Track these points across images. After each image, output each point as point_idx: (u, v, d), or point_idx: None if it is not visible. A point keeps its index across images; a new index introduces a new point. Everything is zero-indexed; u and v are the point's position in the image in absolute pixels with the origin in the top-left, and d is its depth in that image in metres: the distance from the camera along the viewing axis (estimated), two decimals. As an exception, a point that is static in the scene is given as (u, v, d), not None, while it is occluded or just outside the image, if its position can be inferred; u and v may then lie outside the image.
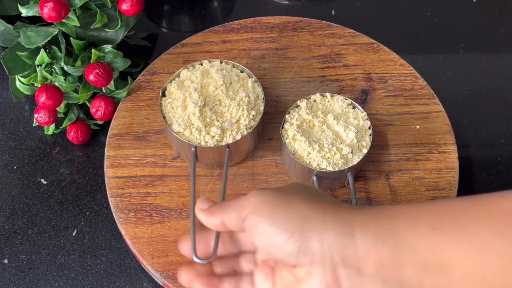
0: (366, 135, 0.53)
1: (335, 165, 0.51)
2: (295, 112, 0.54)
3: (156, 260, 0.50)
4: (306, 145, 0.51)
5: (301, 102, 0.54)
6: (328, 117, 0.53)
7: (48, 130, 0.59)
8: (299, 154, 0.52)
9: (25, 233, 0.54)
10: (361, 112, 0.54)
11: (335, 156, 0.51)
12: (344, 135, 0.52)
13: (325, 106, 0.54)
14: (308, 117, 0.53)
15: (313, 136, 0.52)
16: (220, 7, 0.70)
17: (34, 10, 0.54)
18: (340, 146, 0.51)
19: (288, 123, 0.53)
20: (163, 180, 0.54)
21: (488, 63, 0.65)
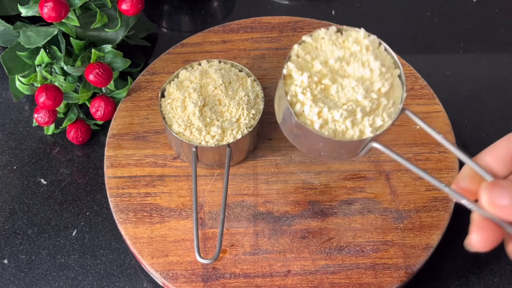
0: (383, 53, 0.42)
1: (389, 113, 0.39)
2: (295, 87, 0.40)
3: (156, 260, 0.50)
4: (345, 115, 0.39)
5: (290, 70, 0.40)
6: (331, 64, 0.41)
7: (48, 130, 0.59)
8: (341, 132, 0.40)
9: (25, 233, 0.54)
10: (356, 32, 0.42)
11: (380, 103, 0.39)
12: (366, 71, 0.40)
13: (314, 54, 0.42)
14: (313, 81, 0.40)
15: (339, 99, 0.40)
16: (220, 7, 0.70)
17: (34, 10, 0.54)
18: (376, 86, 0.40)
19: (298, 105, 0.40)
20: (163, 180, 0.54)
21: (489, 63, 0.65)
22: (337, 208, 0.53)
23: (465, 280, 0.53)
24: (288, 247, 0.51)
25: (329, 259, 0.50)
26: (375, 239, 0.51)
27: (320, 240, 0.51)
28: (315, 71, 0.41)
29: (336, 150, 0.41)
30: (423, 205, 0.52)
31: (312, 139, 0.40)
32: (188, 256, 0.50)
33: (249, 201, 0.53)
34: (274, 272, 0.50)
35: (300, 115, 0.40)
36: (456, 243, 0.54)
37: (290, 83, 0.41)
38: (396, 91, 0.41)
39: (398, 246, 0.51)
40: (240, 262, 0.50)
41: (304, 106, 0.40)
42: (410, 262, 0.50)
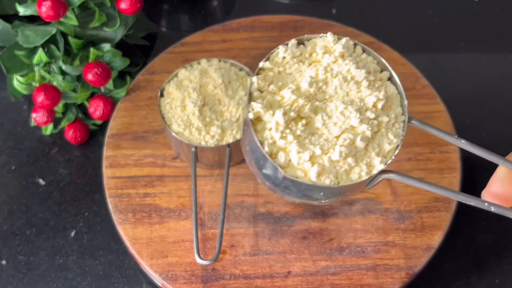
0: (361, 57, 0.35)
1: (395, 133, 0.33)
2: (270, 132, 0.32)
3: (155, 261, 0.50)
4: (345, 153, 0.32)
5: (257, 112, 0.32)
6: (304, 89, 0.33)
7: (46, 130, 0.59)
8: (344, 172, 0.32)
9: (24, 234, 0.54)
10: (320, 38, 0.34)
11: (382, 121, 0.33)
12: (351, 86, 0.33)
13: (280, 81, 0.33)
14: (291, 119, 0.32)
15: (329, 132, 0.32)
16: (220, 6, 0.70)
17: (32, 9, 0.54)
18: (369, 101, 0.33)
19: (281, 154, 0.32)
20: (162, 181, 0.54)
21: (490, 62, 0.65)
22: (337, 208, 0.52)
23: (466, 281, 0.52)
24: (288, 247, 0.50)
25: (329, 260, 0.50)
26: (376, 240, 0.51)
27: (320, 241, 0.51)
28: (288, 104, 0.32)
29: (340, 194, 0.33)
30: (424, 205, 0.52)
31: (309, 191, 0.32)
32: (187, 257, 0.50)
33: (249, 201, 0.53)
34: (274, 273, 0.49)
35: (287, 166, 0.31)
36: (457, 244, 0.53)
37: (262, 129, 0.32)
38: (394, 99, 0.34)
39: (399, 246, 0.50)
40: (240, 263, 0.50)
41: (290, 154, 0.31)
42: (412, 263, 0.50)
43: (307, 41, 0.34)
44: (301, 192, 0.32)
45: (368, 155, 0.32)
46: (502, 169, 0.32)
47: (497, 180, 0.32)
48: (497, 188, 0.32)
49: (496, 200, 0.32)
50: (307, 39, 0.34)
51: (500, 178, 0.32)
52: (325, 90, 0.33)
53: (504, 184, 0.32)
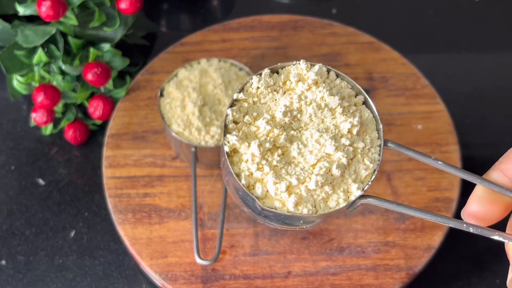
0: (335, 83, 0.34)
1: (371, 158, 0.33)
2: (247, 163, 0.32)
3: (155, 261, 0.50)
4: (321, 181, 0.31)
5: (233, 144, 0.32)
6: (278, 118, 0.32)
7: (46, 130, 0.58)
8: (322, 200, 0.32)
9: (23, 234, 0.54)
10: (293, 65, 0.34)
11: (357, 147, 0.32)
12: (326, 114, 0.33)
13: (254, 112, 0.33)
14: (266, 149, 0.32)
15: (305, 161, 0.32)
16: (220, 6, 0.70)
17: (32, 9, 0.53)
18: (344, 128, 0.32)
19: (258, 185, 0.32)
20: (162, 181, 0.54)
21: (490, 62, 0.65)
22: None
23: (467, 281, 0.52)
24: (288, 248, 0.50)
25: (330, 260, 0.50)
26: (376, 240, 0.50)
27: (320, 241, 0.50)
28: (264, 135, 0.32)
29: (320, 221, 0.33)
30: (424, 205, 0.52)
31: (289, 220, 0.32)
32: (187, 257, 0.50)
33: (249, 201, 0.52)
34: (274, 273, 0.49)
35: (265, 197, 0.32)
36: (458, 244, 0.53)
37: (239, 161, 0.32)
38: (369, 124, 0.33)
39: (399, 247, 0.50)
40: (240, 263, 0.50)
41: (267, 185, 0.31)
42: (412, 263, 0.49)
43: (281, 69, 0.34)
44: (281, 220, 0.32)
45: (345, 182, 0.32)
46: (480, 188, 0.31)
47: (476, 199, 0.32)
48: (476, 207, 0.31)
49: (475, 219, 0.32)
50: (281, 67, 0.34)
51: (479, 197, 0.31)
52: (300, 118, 0.33)
53: (482, 203, 0.31)
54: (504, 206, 0.31)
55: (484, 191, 0.31)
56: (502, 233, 0.30)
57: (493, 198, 0.31)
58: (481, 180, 0.31)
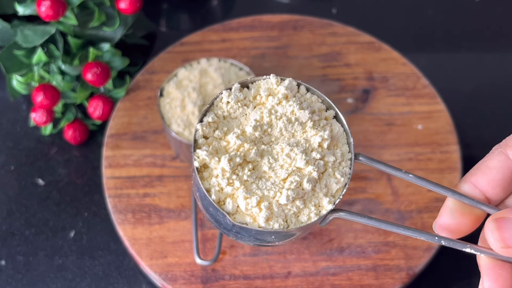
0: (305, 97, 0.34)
1: (342, 172, 0.32)
2: (217, 179, 0.31)
3: (154, 262, 0.50)
4: (292, 196, 0.31)
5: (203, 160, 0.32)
6: (249, 132, 0.32)
7: (46, 130, 0.58)
8: (294, 214, 0.32)
9: (23, 234, 0.54)
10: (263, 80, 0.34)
11: (328, 160, 0.32)
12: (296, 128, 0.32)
13: (225, 126, 0.33)
14: (237, 164, 0.31)
15: (276, 175, 0.32)
16: (219, 6, 0.70)
17: (31, 8, 0.53)
18: (314, 141, 0.32)
19: (229, 201, 0.31)
20: (162, 181, 0.53)
21: (491, 62, 0.64)
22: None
23: (467, 282, 0.52)
24: (288, 248, 0.50)
25: (330, 260, 0.50)
26: (376, 240, 0.50)
27: (321, 241, 0.50)
28: (234, 149, 0.32)
29: (292, 235, 0.33)
30: (425, 205, 0.52)
31: (261, 236, 0.32)
32: (187, 258, 0.50)
33: (249, 201, 0.52)
34: (274, 273, 0.49)
35: (236, 213, 0.31)
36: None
37: (209, 176, 0.31)
38: (340, 138, 0.33)
39: (399, 247, 0.50)
40: (240, 263, 0.50)
41: (237, 200, 0.31)
42: (412, 263, 0.49)
43: (251, 83, 0.33)
44: (252, 236, 0.32)
45: (316, 196, 0.31)
46: (451, 200, 0.31)
47: (447, 211, 0.31)
48: (448, 219, 0.31)
49: (447, 231, 0.32)
50: (251, 81, 0.33)
51: (450, 209, 0.31)
52: (270, 132, 0.32)
53: (454, 215, 0.31)
54: (475, 218, 0.31)
55: (455, 204, 0.31)
56: (474, 246, 0.31)
57: (464, 210, 0.31)
58: (452, 192, 0.31)
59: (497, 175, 0.31)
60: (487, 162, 0.31)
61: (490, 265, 0.30)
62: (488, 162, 0.31)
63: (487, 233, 0.29)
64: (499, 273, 0.30)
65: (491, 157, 0.31)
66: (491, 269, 0.30)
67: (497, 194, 0.31)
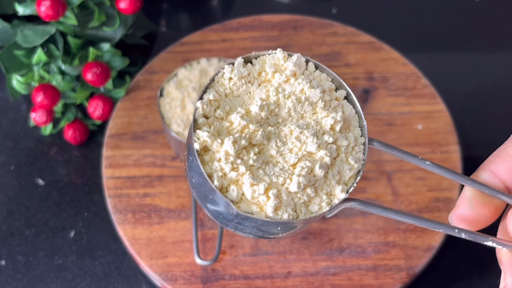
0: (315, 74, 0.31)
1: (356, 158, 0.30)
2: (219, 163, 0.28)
3: (154, 262, 0.50)
4: (303, 183, 0.28)
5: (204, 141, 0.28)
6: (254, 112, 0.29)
7: (46, 130, 0.58)
8: (304, 203, 0.29)
9: (23, 234, 0.54)
10: (269, 54, 0.31)
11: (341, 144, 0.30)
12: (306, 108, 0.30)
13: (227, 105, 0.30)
14: (241, 147, 0.29)
15: (284, 160, 0.29)
16: (219, 6, 0.70)
17: (31, 8, 0.53)
18: (326, 123, 0.30)
19: (233, 188, 0.28)
20: (162, 181, 0.53)
21: (491, 62, 0.64)
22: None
23: (468, 282, 0.52)
24: (288, 248, 0.50)
25: (330, 260, 0.50)
26: (376, 240, 0.50)
27: (321, 241, 0.50)
28: (238, 131, 0.28)
29: (298, 228, 0.30)
30: (425, 205, 0.52)
31: (266, 227, 0.29)
32: (187, 258, 0.50)
33: (249, 201, 0.52)
34: (274, 273, 0.49)
35: (240, 201, 0.28)
36: (458, 244, 0.53)
37: (210, 160, 0.28)
38: (352, 120, 0.30)
39: (399, 247, 0.50)
40: (240, 263, 0.50)
41: (242, 186, 0.28)
42: (412, 263, 0.49)
43: (255, 59, 0.31)
44: (256, 227, 0.29)
45: (328, 184, 0.29)
46: (470, 190, 0.30)
47: (465, 201, 0.30)
48: (466, 210, 0.29)
49: (465, 223, 0.30)
50: (255, 56, 0.31)
51: (469, 199, 0.29)
52: (277, 113, 0.30)
53: (472, 205, 0.29)
54: (494, 209, 0.29)
55: (474, 193, 0.29)
56: (495, 239, 0.29)
57: (483, 200, 0.29)
58: (470, 181, 0.29)
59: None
60: (508, 149, 0.29)
61: None
62: (509, 148, 0.29)
63: (510, 225, 0.27)
64: None
65: (511, 144, 0.29)
66: None
67: None
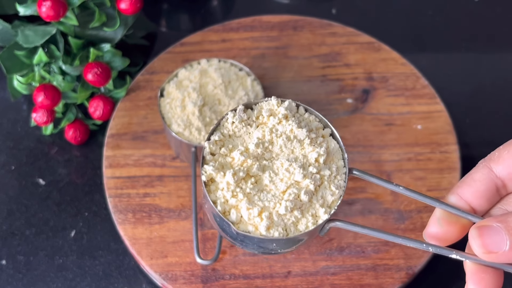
0: (303, 117, 0.37)
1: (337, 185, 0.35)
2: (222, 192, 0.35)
3: (155, 261, 0.50)
4: (290, 207, 0.34)
5: (210, 174, 0.35)
6: (252, 150, 0.36)
7: (46, 130, 0.58)
8: (292, 224, 0.35)
9: (23, 234, 0.54)
10: (265, 102, 0.37)
11: (324, 174, 0.35)
12: (294, 145, 0.36)
13: (230, 144, 0.36)
14: (240, 178, 0.35)
15: (276, 188, 0.35)
16: (220, 6, 0.70)
17: (32, 9, 0.54)
18: (311, 157, 0.35)
19: (233, 212, 0.34)
20: (162, 181, 0.54)
21: (491, 62, 0.65)
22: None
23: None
24: (288, 248, 0.50)
25: (329, 260, 0.50)
26: (376, 240, 0.51)
27: (320, 241, 0.51)
28: (238, 165, 0.35)
29: (292, 243, 0.36)
30: (424, 205, 0.52)
31: (263, 243, 0.35)
32: (187, 257, 0.50)
33: (249, 201, 0.53)
34: (274, 273, 0.49)
35: (239, 222, 0.34)
36: (457, 244, 0.53)
37: (215, 189, 0.35)
38: (336, 154, 0.36)
39: (399, 247, 0.50)
40: (240, 263, 0.50)
41: (241, 210, 0.34)
42: (412, 263, 0.49)
43: (254, 105, 0.37)
44: (255, 244, 0.35)
45: (313, 207, 0.35)
46: (439, 211, 0.34)
47: (435, 221, 0.34)
48: (436, 228, 0.34)
49: (435, 239, 0.34)
50: (254, 103, 0.37)
51: (438, 219, 0.34)
52: (271, 149, 0.36)
53: (441, 224, 0.34)
54: (461, 227, 0.34)
55: (442, 214, 0.34)
56: (459, 252, 0.33)
57: (451, 220, 0.34)
58: (439, 203, 0.34)
59: (481, 186, 0.33)
60: (472, 175, 0.34)
61: (474, 270, 0.33)
62: (473, 175, 0.34)
63: (471, 240, 0.31)
64: (482, 276, 0.32)
65: (476, 170, 0.34)
66: (475, 274, 0.32)
67: (481, 204, 0.34)
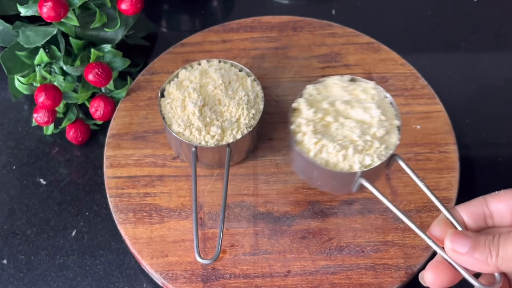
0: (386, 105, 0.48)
1: (379, 155, 0.45)
2: (300, 118, 0.47)
3: (155, 261, 0.50)
4: (338, 149, 0.44)
5: (300, 104, 0.48)
6: (337, 105, 0.47)
7: (47, 130, 0.59)
8: (333, 163, 0.45)
9: (24, 234, 0.54)
10: (366, 83, 0.49)
11: (373, 145, 0.45)
12: (367, 117, 0.46)
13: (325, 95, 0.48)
14: (317, 117, 0.46)
15: (336, 135, 0.46)
16: (220, 7, 0.70)
17: (33, 9, 0.54)
18: (372, 130, 0.46)
19: (300, 134, 0.46)
20: (162, 180, 0.54)
21: (489, 62, 0.65)
22: (337, 208, 0.52)
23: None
24: (288, 247, 0.50)
25: (329, 260, 0.50)
26: (375, 240, 0.51)
27: (320, 241, 0.51)
28: (321, 108, 0.47)
29: (329, 180, 0.46)
30: (423, 205, 0.52)
31: (308, 167, 0.46)
32: (187, 257, 0.50)
33: (249, 201, 0.53)
34: (274, 272, 0.49)
35: (300, 143, 0.46)
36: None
37: (297, 116, 0.47)
38: (392, 138, 0.46)
39: (398, 246, 0.50)
40: (240, 262, 0.50)
41: (305, 136, 0.45)
42: (411, 262, 0.50)
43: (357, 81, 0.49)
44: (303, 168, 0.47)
45: (353, 160, 0.45)
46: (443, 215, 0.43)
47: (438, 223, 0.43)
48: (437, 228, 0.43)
49: None
50: (357, 80, 0.49)
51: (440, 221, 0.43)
52: (349, 111, 0.47)
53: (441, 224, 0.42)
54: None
55: (443, 218, 0.42)
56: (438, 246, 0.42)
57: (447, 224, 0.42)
58: (445, 210, 0.42)
59: (472, 208, 0.41)
60: (472, 200, 0.42)
61: (438, 261, 0.41)
62: (472, 200, 0.42)
63: (445, 237, 0.39)
64: (440, 268, 0.40)
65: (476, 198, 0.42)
66: (438, 262, 0.41)
67: (469, 222, 0.42)
